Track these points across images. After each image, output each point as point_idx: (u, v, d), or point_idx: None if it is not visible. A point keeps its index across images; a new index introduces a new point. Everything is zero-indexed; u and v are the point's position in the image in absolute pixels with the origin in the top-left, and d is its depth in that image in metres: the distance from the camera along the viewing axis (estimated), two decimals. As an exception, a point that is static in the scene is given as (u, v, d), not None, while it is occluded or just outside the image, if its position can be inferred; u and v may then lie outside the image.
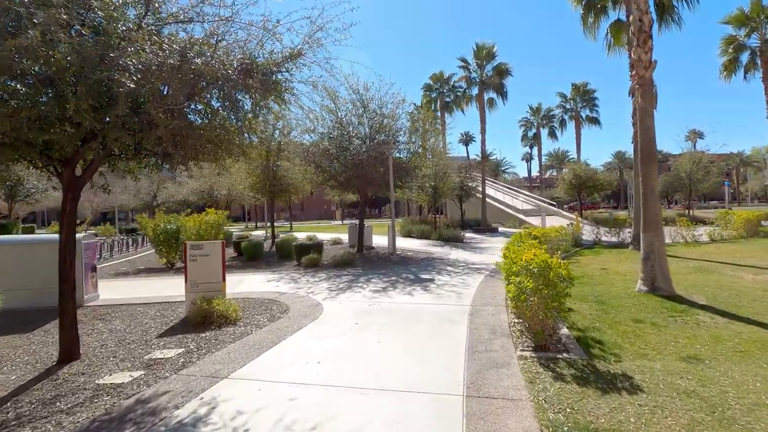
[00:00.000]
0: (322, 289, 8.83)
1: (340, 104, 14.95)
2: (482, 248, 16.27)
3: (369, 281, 9.67)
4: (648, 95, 7.00)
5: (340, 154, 14.81)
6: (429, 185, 21.08)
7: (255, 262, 14.89)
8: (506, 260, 6.13)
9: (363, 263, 13.13)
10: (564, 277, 4.65)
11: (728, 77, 23.18)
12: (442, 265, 11.96)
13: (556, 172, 75.97)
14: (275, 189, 20.09)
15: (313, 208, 71.26)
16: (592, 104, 38.65)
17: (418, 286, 8.80)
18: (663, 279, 7.06)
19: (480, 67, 27.35)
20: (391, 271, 11.12)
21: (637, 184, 14.52)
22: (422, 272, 10.80)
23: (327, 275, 10.75)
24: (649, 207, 7.15)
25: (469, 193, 29.32)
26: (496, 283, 9.03)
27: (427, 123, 16.79)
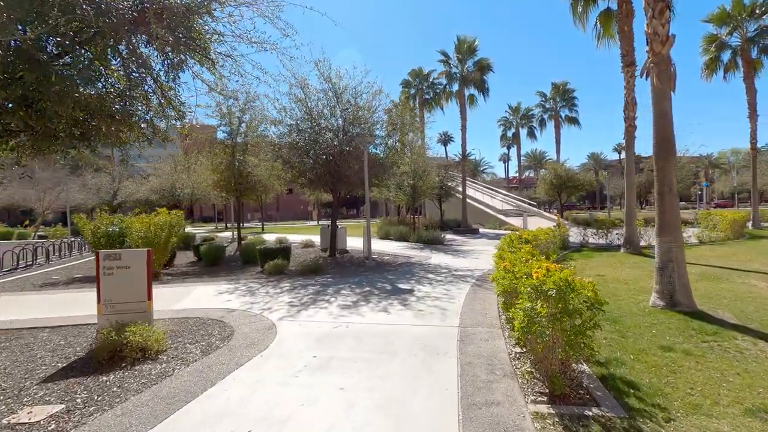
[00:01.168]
0: (282, 303, 7.41)
1: (310, 93, 13.54)
2: (465, 251, 15.13)
3: (338, 293, 8.31)
4: (665, 75, 5.94)
5: (310, 148, 13.39)
6: (407, 184, 19.86)
7: (215, 268, 13.32)
8: (505, 274, 4.89)
9: (334, 269, 11.75)
10: (592, 302, 3.42)
11: (709, 76, 22.89)
12: (423, 272, 10.71)
13: (533, 173, 76.32)
14: (242, 187, 18.46)
15: (288, 209, 69.33)
16: (572, 104, 38.34)
17: (396, 300, 7.50)
18: (683, 293, 5.99)
19: (461, 62, 26.33)
20: (365, 280, 9.78)
21: (629, 183, 13.74)
22: (400, 281, 9.52)
23: (291, 285, 9.33)
24: (666, 207, 6.07)
25: (448, 193, 28.34)
26: (485, 294, 7.82)
27: (406, 116, 15.57)
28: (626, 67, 12.89)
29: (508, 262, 5.16)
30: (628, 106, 12.93)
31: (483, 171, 67.33)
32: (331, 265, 12.77)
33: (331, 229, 14.90)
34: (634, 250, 12.87)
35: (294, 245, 18.40)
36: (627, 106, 12.95)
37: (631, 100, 12.90)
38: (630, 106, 12.89)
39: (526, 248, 6.64)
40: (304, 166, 13.84)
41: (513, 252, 7.05)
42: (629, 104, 12.89)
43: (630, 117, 12.91)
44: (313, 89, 13.60)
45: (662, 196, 6.11)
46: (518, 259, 5.62)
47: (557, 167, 32.23)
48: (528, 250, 6.33)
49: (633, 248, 12.89)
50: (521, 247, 7.81)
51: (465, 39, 25.68)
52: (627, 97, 12.93)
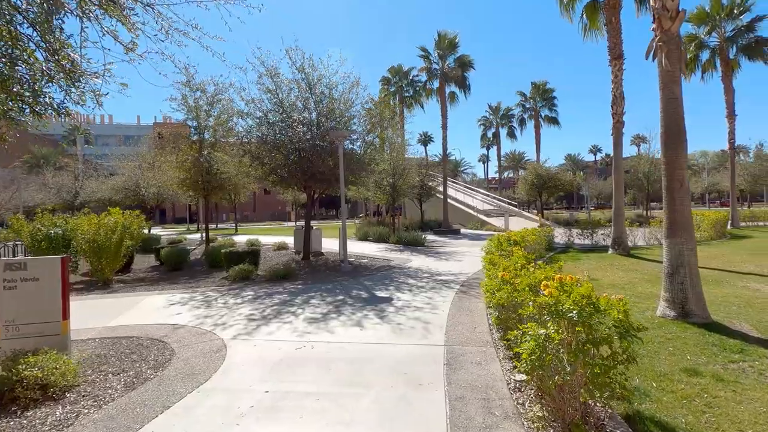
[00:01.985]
0: (240, 317, 6.40)
1: (282, 83, 12.51)
2: (447, 253, 14.35)
3: (308, 303, 7.34)
4: (674, 55, 5.25)
5: (281, 143, 12.35)
6: (387, 182, 18.99)
7: (177, 273, 12.17)
8: (502, 285, 4.05)
9: (307, 275, 10.77)
10: (625, 327, 2.59)
11: (688, 76, 22.84)
12: (403, 277, 9.83)
13: (512, 173, 76.73)
14: (209, 186, 17.22)
15: (266, 209, 67.57)
16: (551, 104, 38.24)
17: (372, 311, 6.59)
18: (697, 301, 5.29)
19: (441, 58, 25.68)
20: (338, 287, 8.84)
21: (618, 181, 13.22)
22: (377, 287, 8.61)
23: (255, 293, 8.30)
24: (677, 204, 5.37)
25: (429, 193, 27.67)
26: (472, 303, 6.99)
27: (385, 113, 14.70)
28: (614, 60, 12.36)
29: (504, 271, 4.33)
30: (615, 101, 12.39)
31: (463, 171, 67.22)
32: (304, 269, 11.77)
33: (305, 231, 13.88)
34: (623, 251, 12.34)
35: (266, 248, 17.30)
36: (615, 101, 12.42)
37: (619, 95, 12.37)
38: (618, 101, 12.36)
39: (519, 252, 5.84)
40: (275, 162, 12.78)
41: (504, 256, 6.25)
42: (617, 99, 12.36)
43: (618, 112, 12.38)
44: (285, 79, 12.60)
45: (672, 191, 5.41)
46: (513, 266, 4.81)
47: (538, 167, 31.95)
48: (522, 255, 5.53)
49: (622, 249, 12.35)
50: (511, 250, 7.04)
51: (446, 34, 25.03)
52: (615, 91, 12.40)
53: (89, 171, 33.17)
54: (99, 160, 33.89)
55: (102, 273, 10.46)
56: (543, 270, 3.83)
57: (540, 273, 3.67)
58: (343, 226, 12.02)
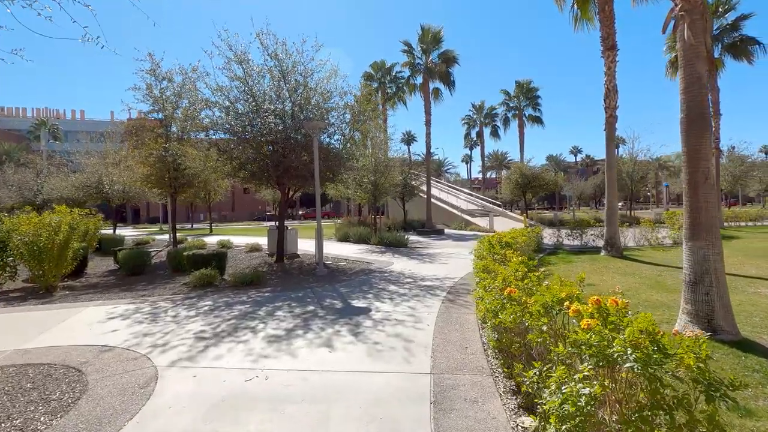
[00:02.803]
0: (188, 335, 5.36)
1: (252, 70, 11.44)
2: (431, 255, 13.48)
3: (272, 315, 6.34)
4: (699, 26, 4.48)
5: (250, 135, 11.28)
6: (368, 180, 18.03)
7: (136, 278, 11.02)
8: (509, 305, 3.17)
9: (277, 280, 9.74)
10: (709, 381, 1.72)
11: (674, 75, 22.53)
12: (383, 283, 8.90)
13: (495, 173, 76.74)
14: (177, 183, 15.99)
15: (244, 208, 65.82)
16: (535, 103, 37.92)
17: (345, 325, 5.64)
18: (725, 316, 4.52)
19: (425, 53, 24.86)
20: (310, 294, 7.86)
21: (611, 178, 12.58)
22: (354, 295, 7.66)
23: (214, 303, 7.25)
24: (701, 201, 4.59)
25: (412, 192, 26.89)
26: (461, 314, 6.11)
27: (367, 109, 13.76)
28: (607, 50, 11.71)
29: (505, 282, 3.44)
30: (609, 94, 11.74)
31: (446, 171, 66.83)
32: (276, 273, 10.73)
33: (279, 231, 12.82)
34: (617, 252, 11.69)
35: (238, 249, 16.15)
36: (608, 94, 11.77)
37: (613, 88, 11.73)
38: (611, 94, 11.71)
39: (515, 258, 5.00)
40: (245, 157, 11.69)
41: (499, 261, 5.40)
42: (610, 92, 11.71)
43: (611, 106, 11.73)
44: (255, 66, 11.53)
45: (695, 186, 4.62)
46: (513, 275, 3.94)
47: (523, 166, 31.49)
48: (520, 261, 4.67)
49: (615, 251, 11.70)
50: (505, 254, 6.20)
51: (429, 28, 24.23)
52: (608, 84, 11.75)
53: (53, 167, 31.23)
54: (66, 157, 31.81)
55: (44, 279, 9.23)
56: (565, 285, 2.94)
57: (559, 288, 2.79)
58: (318, 226, 11.02)
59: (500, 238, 7.96)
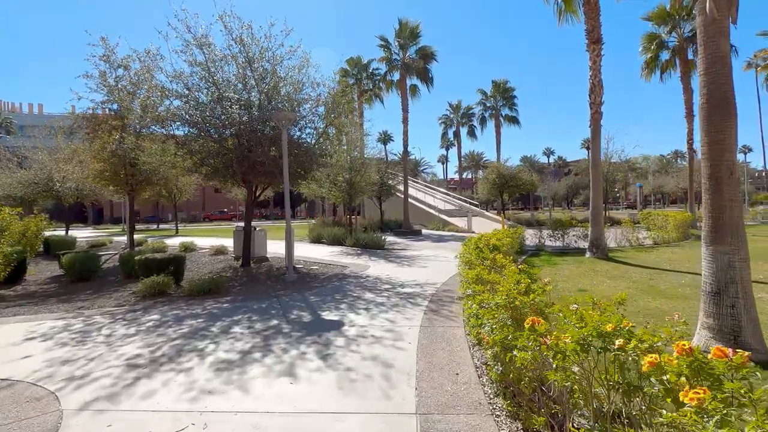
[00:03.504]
0: (118, 362, 4.39)
1: (214, 56, 10.38)
2: (409, 258, 12.73)
3: (228, 332, 5.41)
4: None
5: (212, 126, 10.23)
6: (343, 179, 17.14)
7: (81, 285, 9.87)
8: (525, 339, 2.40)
9: (241, 287, 8.76)
10: None
11: (649, 75, 22.70)
12: (358, 290, 8.06)
13: (471, 174, 77.03)
14: (134, 180, 14.69)
15: (215, 208, 63.68)
16: (512, 103, 37.86)
17: (313, 346, 4.78)
18: (753, 332, 3.92)
19: (403, 48, 24.16)
20: (276, 305, 6.94)
21: (596, 177, 12.16)
22: (326, 305, 6.79)
23: (161, 318, 6.24)
24: (724, 199, 3.97)
25: (389, 192, 26.12)
26: (446, 327, 5.35)
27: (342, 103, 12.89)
28: (592, 44, 11.25)
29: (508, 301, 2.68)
30: (594, 90, 11.29)
31: (423, 171, 66.51)
32: (240, 279, 9.73)
33: (245, 233, 11.78)
34: (602, 254, 11.24)
35: (202, 252, 14.97)
36: (593, 89, 11.32)
37: (598, 83, 11.29)
38: (596, 90, 11.26)
39: (512, 267, 4.28)
40: (206, 151, 10.63)
41: (494, 269, 4.67)
42: (595, 87, 11.27)
43: (596, 102, 11.29)
44: (218, 51, 10.47)
45: (718, 182, 4.00)
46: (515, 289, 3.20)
47: (500, 166, 31.22)
48: (518, 270, 3.95)
49: (600, 252, 11.25)
50: (494, 258, 5.47)
51: (407, 23, 23.53)
52: (593, 79, 11.30)
53: (1, 163, 28.85)
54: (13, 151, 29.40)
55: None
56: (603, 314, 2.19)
57: (599, 317, 2.03)
58: (288, 227, 10.08)
59: (487, 241, 7.26)
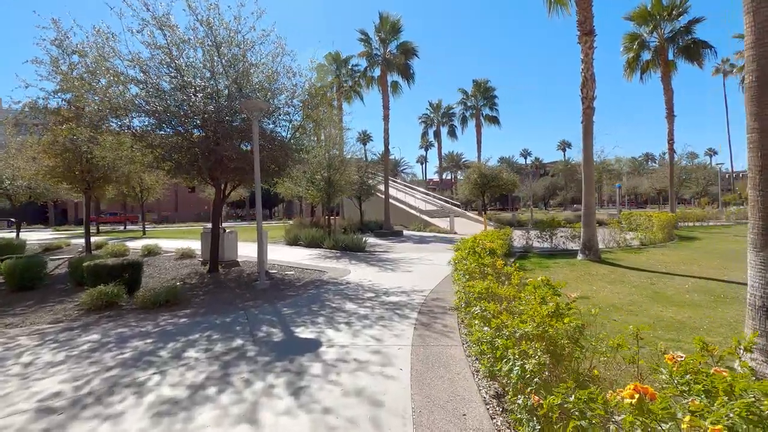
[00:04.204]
0: (28, 403, 3.41)
1: (176, 38, 9.32)
2: (392, 261, 11.93)
3: (179, 357, 4.47)
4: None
5: (174, 117, 9.18)
6: (321, 176, 16.19)
7: (24, 294, 8.72)
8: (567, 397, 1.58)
9: (205, 296, 7.76)
10: None
11: (631, 75, 22.61)
12: (338, 299, 7.20)
13: (451, 174, 76.95)
14: (90, 177, 13.40)
15: (189, 208, 61.35)
16: (492, 103, 37.63)
17: (283, 376, 3.91)
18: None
19: (383, 43, 23.38)
20: (242, 320, 6.01)
21: (588, 175, 11.63)
22: (300, 320, 5.90)
23: (102, 337, 5.23)
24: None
25: (369, 192, 25.34)
26: (443, 348, 4.55)
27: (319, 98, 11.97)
28: (584, 35, 10.72)
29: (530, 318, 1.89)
30: (586, 83, 10.76)
31: (403, 171, 65.94)
32: (206, 287, 8.72)
33: (212, 235, 10.74)
34: (594, 256, 10.71)
35: (167, 256, 13.78)
36: (585, 83, 10.78)
37: (590, 76, 10.76)
38: (588, 83, 10.73)
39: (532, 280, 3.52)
40: (168, 144, 9.56)
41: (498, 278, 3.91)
42: (587, 81, 10.73)
43: (588, 96, 10.75)
44: (181, 34, 9.42)
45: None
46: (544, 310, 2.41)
47: (482, 166, 30.89)
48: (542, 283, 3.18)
49: (593, 254, 10.72)
50: (494, 263, 4.73)
51: (388, 17, 22.77)
52: (585, 72, 10.77)
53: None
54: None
55: None
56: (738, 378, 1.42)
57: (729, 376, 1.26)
58: (259, 228, 9.12)
59: (482, 244, 6.52)
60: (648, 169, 71.31)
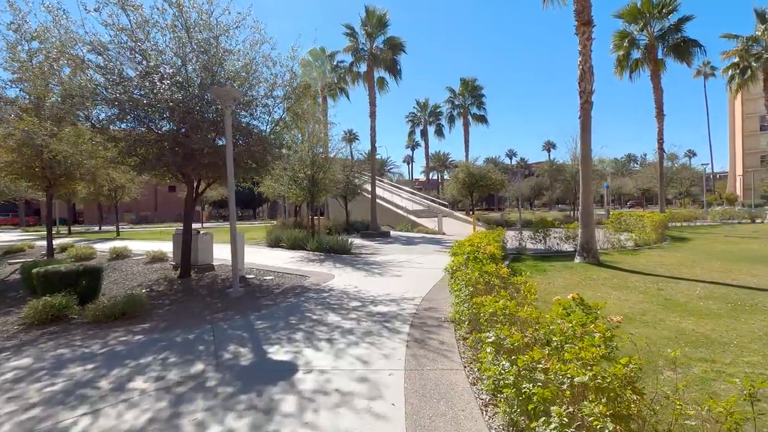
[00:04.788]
0: None
1: (141, 19, 8.42)
2: (380, 264, 11.20)
3: (121, 390, 3.66)
4: None
5: (139, 107, 8.27)
6: (304, 175, 15.36)
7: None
8: None
9: (171, 306, 6.91)
10: None
11: (621, 73, 22.36)
12: (320, 310, 6.43)
13: (437, 174, 76.55)
14: (52, 174, 12.32)
15: (169, 208, 59.62)
16: (480, 102, 37.24)
17: (246, 417, 3.14)
18: None
19: (370, 38, 22.63)
20: (208, 335, 5.21)
21: (586, 173, 11.10)
22: (275, 337, 5.12)
23: (34, 361, 4.38)
24: None
25: (355, 191, 24.62)
26: (442, 372, 3.84)
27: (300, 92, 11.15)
28: (582, 26, 10.17)
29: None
30: (584, 76, 10.20)
31: (389, 170, 65.30)
32: (173, 295, 7.86)
33: (183, 237, 9.85)
34: (593, 259, 10.16)
35: (137, 259, 12.79)
36: (583, 76, 10.23)
37: (588, 69, 10.21)
38: (586, 76, 10.18)
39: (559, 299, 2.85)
40: (132, 137, 8.66)
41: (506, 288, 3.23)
42: (586, 74, 10.18)
43: (587, 90, 10.20)
44: (147, 15, 8.52)
45: None
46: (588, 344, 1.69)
47: (470, 165, 30.41)
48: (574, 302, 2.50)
49: (591, 257, 10.17)
50: (500, 270, 4.06)
51: (374, 10, 22.04)
52: (583, 65, 10.21)
53: None
54: None
55: None
56: None
57: None
58: (232, 229, 8.29)
59: (482, 247, 5.84)
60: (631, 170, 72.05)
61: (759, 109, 66.05)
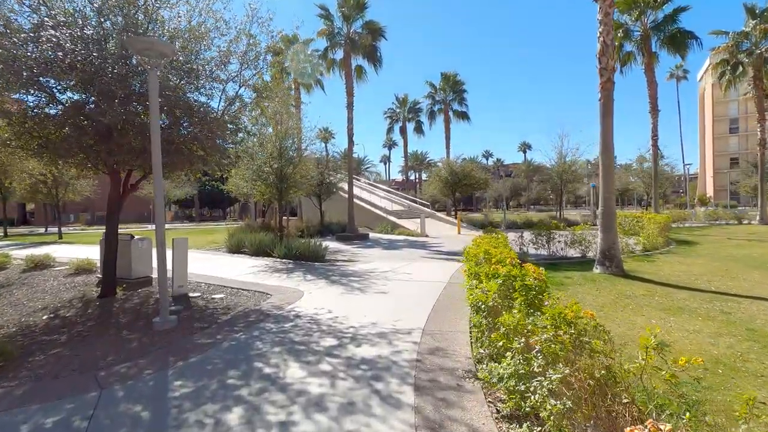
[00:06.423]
0: None
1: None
2: (360, 275, 9.21)
3: None
4: None
5: (31, 70, 6.03)
6: (270, 169, 13.19)
7: None
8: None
9: (58, 350, 4.75)
10: None
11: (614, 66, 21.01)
12: (277, 355, 4.41)
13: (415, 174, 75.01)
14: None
15: (132, 208, 55.51)
16: (461, 98, 35.75)
17: None
18: None
19: (347, 21, 20.62)
20: (73, 419, 3.11)
21: (607, 165, 9.43)
22: (193, 419, 3.09)
23: None
24: None
25: (330, 190, 22.61)
26: None
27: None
28: (603, -10, 8.52)
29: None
30: (605, 51, 8.55)
31: (367, 169, 63.34)
32: (79, 326, 5.67)
33: (106, 245, 7.62)
34: (617, 269, 8.47)
35: (59, 270, 10.36)
36: (603, 50, 8.57)
37: (610, 42, 8.58)
38: (609, 52, 8.54)
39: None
40: (24, 112, 6.39)
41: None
42: (607, 48, 8.53)
43: (608, 68, 8.56)
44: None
45: None
46: None
47: (452, 163, 28.82)
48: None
49: (615, 267, 8.48)
50: (537, 298, 2.05)
51: (352, -10, 20.03)
52: (604, 37, 8.55)
53: None
54: None
55: None
56: None
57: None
58: (159, 236, 6.14)
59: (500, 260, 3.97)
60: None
61: (729, 112, 67.76)
